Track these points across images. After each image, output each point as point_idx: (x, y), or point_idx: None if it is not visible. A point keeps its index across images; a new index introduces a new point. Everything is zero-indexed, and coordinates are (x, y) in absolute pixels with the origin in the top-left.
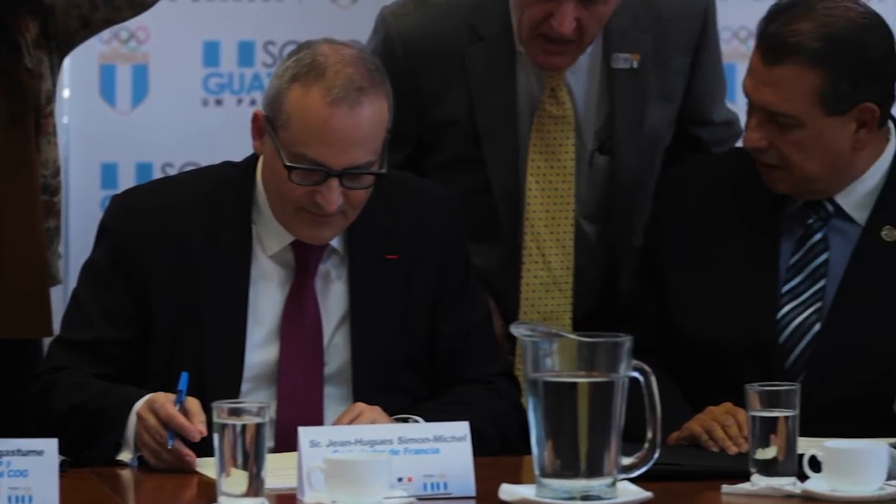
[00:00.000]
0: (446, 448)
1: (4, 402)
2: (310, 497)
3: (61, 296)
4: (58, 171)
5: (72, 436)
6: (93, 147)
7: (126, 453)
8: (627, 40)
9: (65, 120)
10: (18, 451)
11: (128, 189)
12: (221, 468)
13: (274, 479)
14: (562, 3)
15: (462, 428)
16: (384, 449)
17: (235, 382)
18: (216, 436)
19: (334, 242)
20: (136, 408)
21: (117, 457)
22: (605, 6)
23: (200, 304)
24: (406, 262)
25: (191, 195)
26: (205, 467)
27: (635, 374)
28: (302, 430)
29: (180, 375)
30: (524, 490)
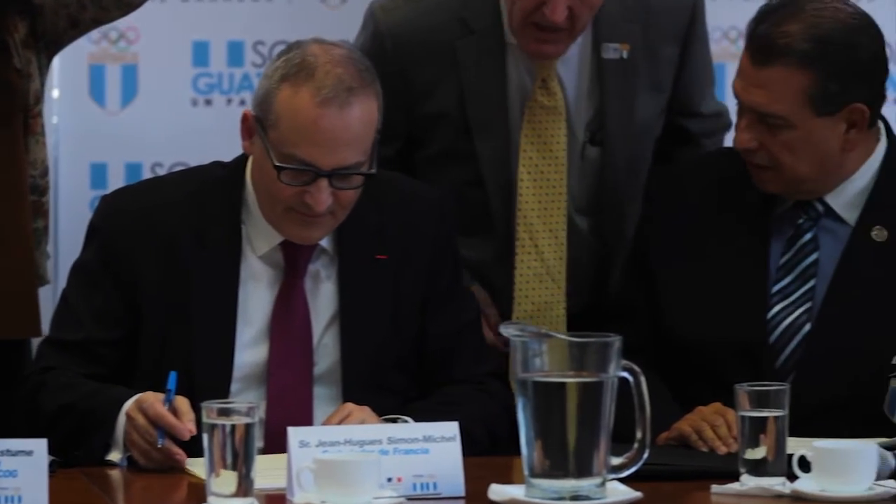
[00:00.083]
0: (436, 448)
1: None
2: (299, 497)
3: (50, 296)
4: (46, 171)
5: (61, 436)
6: (82, 147)
7: (115, 453)
8: (617, 30)
9: (54, 120)
10: (8, 451)
11: (117, 189)
12: (211, 468)
13: (263, 479)
14: None
15: (451, 428)
16: (373, 449)
17: (225, 382)
18: (205, 436)
19: (324, 242)
20: (125, 408)
21: (107, 457)
22: None
23: (190, 304)
24: (395, 262)
25: (180, 195)
26: (194, 466)
27: (625, 375)
28: (291, 430)
29: (169, 375)
30: (513, 490)
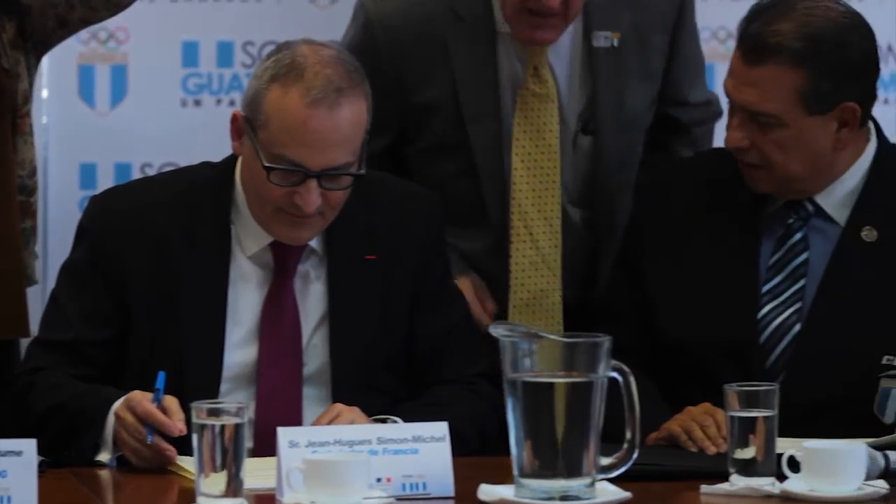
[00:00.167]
0: (425, 448)
1: None
2: (289, 497)
3: (39, 296)
4: (34, 171)
5: (51, 436)
6: (72, 147)
7: (105, 454)
8: (608, 18)
9: (44, 120)
10: None
11: (106, 190)
12: (200, 469)
13: (253, 479)
14: None
15: (441, 428)
16: (363, 449)
17: (214, 383)
18: (195, 436)
19: (313, 243)
20: (114, 408)
21: (96, 457)
22: None
23: (179, 304)
24: (385, 262)
25: (170, 196)
26: (184, 464)
27: (614, 375)
28: (281, 430)
29: (157, 375)
30: (503, 490)
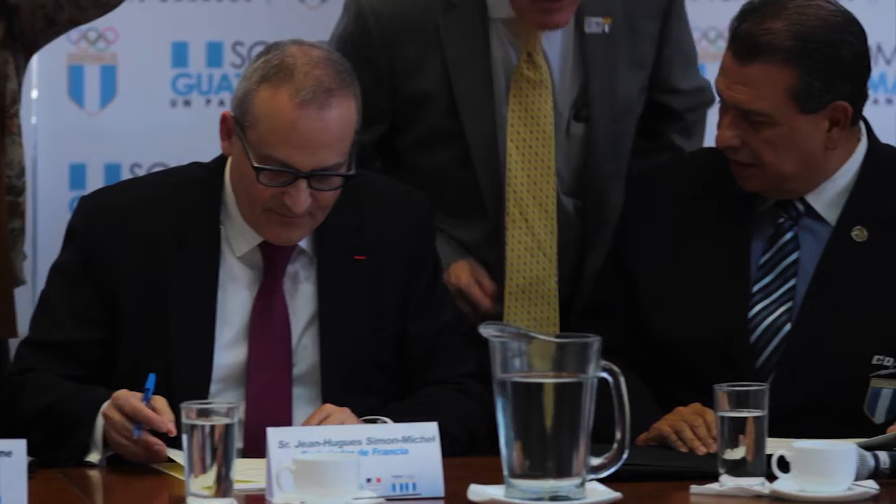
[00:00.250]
0: (415, 449)
1: None
2: (278, 498)
3: (28, 297)
4: (23, 171)
5: (40, 437)
6: (61, 148)
7: (94, 454)
8: (599, 3)
9: (33, 120)
10: None
11: (96, 190)
12: (190, 469)
13: (243, 479)
14: None
15: (431, 429)
16: (353, 450)
17: (204, 383)
18: (185, 436)
19: (303, 243)
20: (103, 408)
21: (86, 458)
22: None
23: (169, 305)
24: (374, 262)
25: (159, 196)
26: (175, 456)
27: (604, 375)
28: (271, 430)
29: (147, 376)
30: (493, 491)
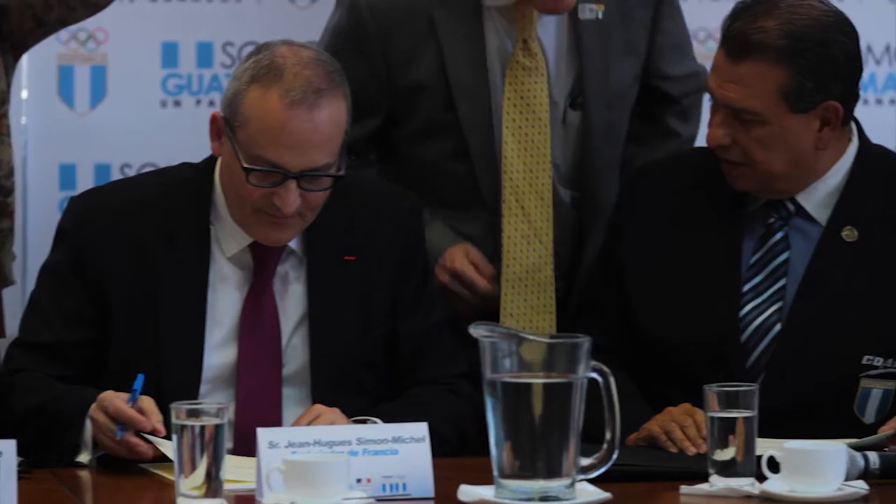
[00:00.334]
0: (405, 449)
1: None
2: (268, 498)
3: (18, 297)
4: (12, 171)
5: (31, 438)
6: (51, 148)
7: (84, 455)
8: None
9: (23, 121)
10: None
11: (86, 190)
12: (180, 469)
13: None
14: None
15: (421, 429)
16: (343, 450)
17: (194, 384)
18: (175, 437)
19: (292, 244)
20: (89, 410)
21: (76, 458)
22: None
23: (159, 305)
24: (364, 263)
25: (149, 196)
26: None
27: (594, 375)
28: (261, 431)
29: (136, 377)
30: (483, 491)
